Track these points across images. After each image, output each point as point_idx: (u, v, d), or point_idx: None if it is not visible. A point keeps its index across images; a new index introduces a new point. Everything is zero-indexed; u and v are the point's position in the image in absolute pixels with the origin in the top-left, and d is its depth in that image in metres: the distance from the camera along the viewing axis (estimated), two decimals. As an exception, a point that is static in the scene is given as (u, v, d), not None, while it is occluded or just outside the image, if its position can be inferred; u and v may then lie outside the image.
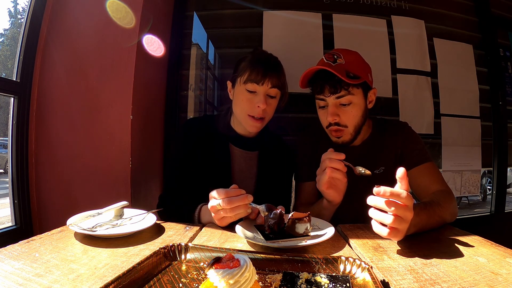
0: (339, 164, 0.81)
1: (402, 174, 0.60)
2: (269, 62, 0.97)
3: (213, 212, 0.74)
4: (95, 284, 0.45)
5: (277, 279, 0.48)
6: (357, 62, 0.96)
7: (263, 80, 0.93)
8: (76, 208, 0.79)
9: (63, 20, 1.19)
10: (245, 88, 0.96)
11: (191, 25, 1.51)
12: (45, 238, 0.64)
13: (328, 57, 0.95)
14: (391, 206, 0.58)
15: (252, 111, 0.96)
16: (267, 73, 0.93)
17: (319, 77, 0.94)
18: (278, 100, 1.01)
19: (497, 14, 1.74)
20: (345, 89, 0.91)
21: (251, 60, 0.97)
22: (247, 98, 0.96)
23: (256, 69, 0.94)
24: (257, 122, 0.97)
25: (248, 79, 0.94)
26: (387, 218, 0.59)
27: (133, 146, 1.15)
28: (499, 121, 1.68)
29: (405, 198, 0.58)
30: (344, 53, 0.95)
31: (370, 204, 0.61)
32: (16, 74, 1.11)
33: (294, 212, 0.69)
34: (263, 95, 0.95)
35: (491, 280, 0.48)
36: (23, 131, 1.12)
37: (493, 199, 1.73)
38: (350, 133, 0.96)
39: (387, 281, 0.48)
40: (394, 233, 0.59)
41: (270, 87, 0.95)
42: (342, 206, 0.99)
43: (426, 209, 0.73)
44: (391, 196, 0.58)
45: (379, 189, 0.58)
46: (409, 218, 0.59)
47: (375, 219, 0.61)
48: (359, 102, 0.94)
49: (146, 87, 1.26)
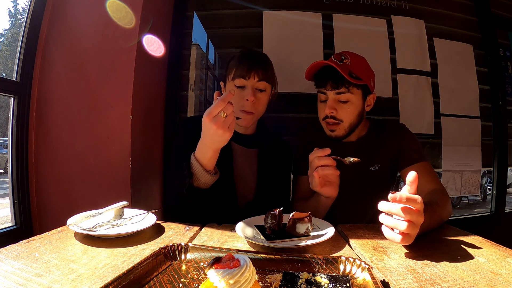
0: (327, 160, 0.84)
1: (413, 178, 0.59)
2: (255, 57, 1.01)
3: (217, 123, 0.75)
4: (95, 284, 0.45)
5: (277, 279, 0.48)
6: (362, 66, 1.02)
7: (249, 74, 0.97)
8: (76, 208, 0.79)
9: (63, 20, 1.19)
10: (233, 84, 0.99)
11: (191, 25, 1.51)
12: (45, 238, 0.64)
13: (336, 57, 1.01)
14: (406, 212, 0.57)
15: (242, 106, 0.98)
16: (253, 67, 0.97)
17: (324, 72, 1.00)
18: (269, 95, 1.03)
19: (497, 14, 1.74)
20: (346, 87, 0.97)
21: (238, 57, 1.01)
22: (237, 93, 0.98)
23: (242, 64, 0.98)
24: (248, 115, 0.99)
25: (235, 74, 0.98)
26: (402, 225, 0.57)
27: (133, 146, 1.15)
28: (499, 121, 1.67)
29: (419, 204, 0.57)
30: (351, 55, 1.01)
31: (383, 210, 0.60)
32: (16, 74, 1.11)
33: (294, 212, 0.69)
34: (251, 89, 0.97)
35: (491, 280, 0.48)
36: (23, 131, 1.12)
37: (493, 199, 1.73)
38: (344, 128, 1.01)
39: (387, 281, 0.48)
40: (406, 239, 0.58)
41: (257, 80, 0.98)
42: (342, 206, 0.99)
43: (427, 210, 0.73)
44: (407, 202, 0.57)
45: (395, 195, 0.57)
46: (420, 223, 0.59)
47: (387, 225, 0.60)
48: (357, 102, 1.00)
49: (146, 87, 1.26)
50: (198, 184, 0.85)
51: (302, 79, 1.09)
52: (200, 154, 0.83)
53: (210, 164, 0.84)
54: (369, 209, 0.99)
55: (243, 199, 1.02)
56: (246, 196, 1.03)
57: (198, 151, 0.83)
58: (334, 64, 0.96)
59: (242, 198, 1.02)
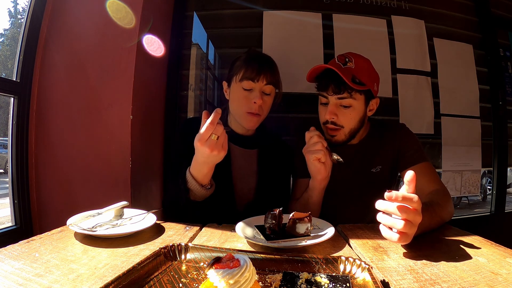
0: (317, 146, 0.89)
1: (411, 178, 0.59)
2: (263, 59, 1.00)
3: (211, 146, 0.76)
4: (95, 284, 0.45)
5: (277, 279, 0.48)
6: (366, 70, 0.98)
7: (258, 77, 0.96)
8: (76, 208, 0.79)
9: (63, 20, 1.19)
10: (241, 86, 0.98)
11: (191, 25, 1.51)
12: (45, 238, 0.64)
13: (340, 59, 0.97)
14: (402, 211, 0.57)
15: (249, 108, 0.97)
16: (262, 70, 0.96)
17: (326, 75, 0.96)
18: (273, 98, 1.03)
19: (497, 14, 1.74)
20: (348, 92, 0.93)
21: (245, 58, 1.00)
22: (244, 95, 0.98)
23: (251, 66, 0.96)
24: (254, 117, 0.99)
25: (243, 76, 0.96)
26: (398, 223, 0.57)
27: (133, 146, 1.15)
28: (499, 121, 1.67)
29: (416, 203, 0.57)
30: (356, 58, 0.98)
31: (380, 209, 0.60)
32: (16, 74, 1.11)
33: (295, 212, 0.69)
34: (259, 92, 0.97)
35: (491, 280, 0.48)
36: (23, 131, 1.12)
37: (493, 199, 1.73)
38: (344, 134, 0.99)
39: (387, 281, 0.48)
40: (404, 238, 0.58)
41: (265, 83, 0.97)
42: (342, 206, 1.00)
43: (427, 210, 0.73)
44: (403, 200, 0.57)
45: (391, 194, 0.57)
46: (418, 222, 0.59)
47: (384, 224, 0.61)
48: (359, 107, 0.97)
49: (146, 87, 1.26)
50: (195, 198, 0.87)
51: (302, 79, 1.09)
52: (195, 171, 0.84)
53: (205, 179, 0.85)
54: (369, 210, 0.99)
55: (243, 199, 1.02)
56: (246, 197, 1.03)
57: (193, 168, 0.83)
58: (337, 68, 0.92)
59: (242, 199, 1.02)
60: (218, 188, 0.90)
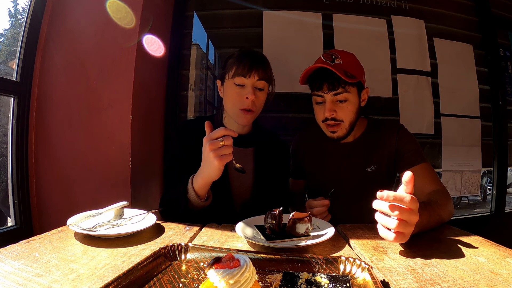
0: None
1: (409, 178, 0.59)
2: (255, 56, 1.01)
3: (214, 150, 0.76)
4: (95, 284, 0.45)
5: (277, 279, 0.48)
6: (353, 63, 1.02)
7: (249, 73, 0.96)
8: (76, 208, 0.79)
9: (63, 20, 1.19)
10: (233, 82, 0.98)
11: (191, 25, 1.51)
12: (45, 238, 0.64)
13: (327, 57, 0.99)
14: (395, 210, 0.57)
15: (242, 104, 0.98)
16: (253, 66, 0.97)
17: (318, 75, 0.99)
18: (267, 93, 1.04)
19: (497, 14, 1.74)
20: (343, 87, 0.96)
21: (237, 55, 1.01)
22: (236, 92, 0.98)
23: (243, 63, 0.97)
24: (248, 113, 0.99)
25: (235, 73, 0.97)
26: (391, 223, 0.58)
27: (133, 146, 1.15)
28: (499, 121, 1.68)
29: (409, 202, 0.57)
30: (341, 54, 1.01)
31: (375, 208, 0.61)
32: (16, 74, 1.11)
33: (294, 212, 0.69)
34: (251, 87, 0.97)
35: (491, 280, 0.48)
36: (23, 131, 1.12)
37: (493, 199, 1.74)
38: (345, 127, 1.01)
39: (387, 281, 0.48)
40: (400, 237, 0.59)
41: (257, 79, 0.98)
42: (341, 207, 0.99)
43: (426, 209, 0.73)
44: (394, 200, 0.57)
45: (382, 193, 0.57)
46: (414, 222, 0.59)
47: (380, 223, 0.61)
48: (354, 99, 1.00)
49: (146, 87, 1.26)
50: (193, 207, 0.87)
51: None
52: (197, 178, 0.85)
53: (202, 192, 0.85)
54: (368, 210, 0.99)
55: (240, 198, 1.02)
56: (243, 196, 1.03)
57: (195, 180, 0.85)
58: (327, 65, 0.95)
59: (239, 198, 1.02)
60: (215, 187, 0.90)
